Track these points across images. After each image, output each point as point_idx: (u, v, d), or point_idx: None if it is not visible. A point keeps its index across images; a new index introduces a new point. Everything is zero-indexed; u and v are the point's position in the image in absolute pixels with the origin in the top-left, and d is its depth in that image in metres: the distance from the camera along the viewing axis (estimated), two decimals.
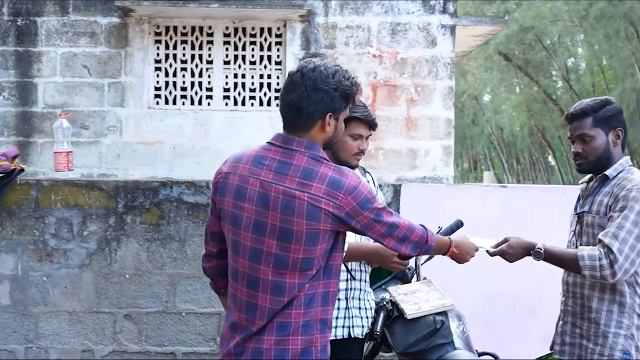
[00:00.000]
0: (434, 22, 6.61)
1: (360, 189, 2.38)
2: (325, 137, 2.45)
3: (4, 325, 4.83)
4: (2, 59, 6.62)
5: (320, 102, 2.38)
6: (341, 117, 2.49)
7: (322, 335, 2.40)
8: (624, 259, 2.78)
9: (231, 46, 6.73)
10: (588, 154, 3.01)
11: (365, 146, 3.13)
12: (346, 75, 2.45)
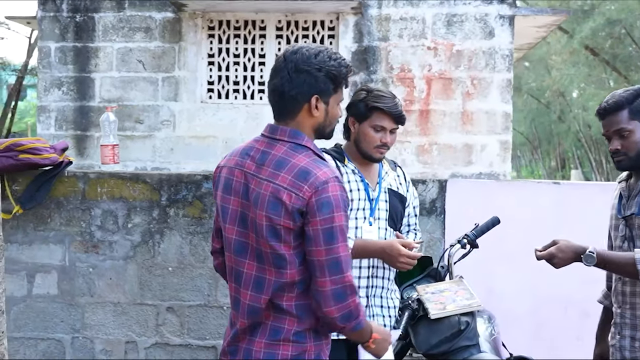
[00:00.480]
0: (492, 13, 6.41)
1: (330, 187, 2.23)
2: (314, 122, 2.34)
3: (52, 314, 4.96)
4: (62, 55, 6.81)
5: (303, 84, 2.29)
6: (333, 101, 2.38)
7: (317, 343, 2.32)
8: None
9: (283, 40, 6.73)
10: (628, 150, 2.79)
11: (389, 139, 3.03)
12: (332, 56, 2.34)
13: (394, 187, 3.15)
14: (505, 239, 4.78)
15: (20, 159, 4.81)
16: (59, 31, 6.81)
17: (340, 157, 3.10)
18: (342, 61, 2.36)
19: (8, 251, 4.98)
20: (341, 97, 2.43)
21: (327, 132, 2.42)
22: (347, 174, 3.06)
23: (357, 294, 2.26)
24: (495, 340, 3.06)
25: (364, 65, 6.55)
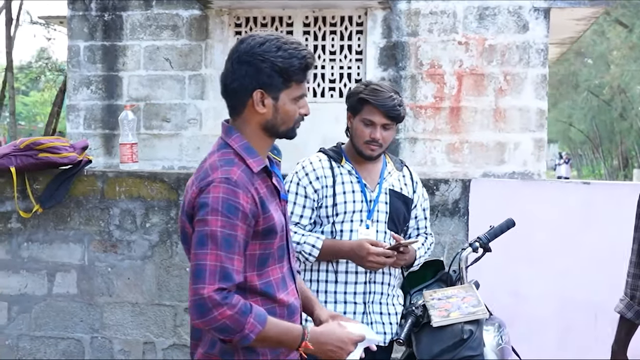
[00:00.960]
0: (526, 6, 6.24)
1: (212, 189, 2.04)
2: (261, 120, 2.14)
3: (71, 314, 5.01)
4: (90, 54, 6.88)
5: (244, 76, 2.10)
6: (284, 97, 2.13)
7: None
8: None
9: (311, 36, 6.67)
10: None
11: (378, 135, 2.89)
12: (283, 46, 2.10)
13: (396, 188, 3.02)
14: (531, 241, 4.64)
15: (40, 158, 4.87)
16: (87, 30, 6.89)
17: (338, 157, 3.00)
18: (294, 52, 2.11)
19: (29, 250, 5.07)
20: (299, 92, 2.17)
21: (281, 131, 2.19)
22: (342, 175, 2.96)
23: (233, 307, 1.99)
24: (502, 350, 2.91)
25: (392, 62, 6.44)
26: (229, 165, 2.08)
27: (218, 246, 1.99)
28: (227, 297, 1.97)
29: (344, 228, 2.91)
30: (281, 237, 2.17)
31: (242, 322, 1.98)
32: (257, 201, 2.07)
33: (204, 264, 1.99)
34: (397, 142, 6.40)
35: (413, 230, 3.16)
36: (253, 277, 2.10)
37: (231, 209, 2.01)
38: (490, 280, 4.68)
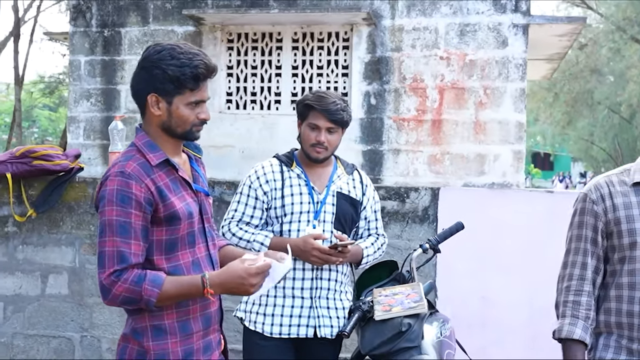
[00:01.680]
0: (505, 22, 6.41)
1: (108, 182, 2.25)
2: (158, 121, 2.33)
3: (63, 314, 5.20)
4: (91, 68, 7.14)
5: (141, 80, 2.30)
6: (178, 102, 2.29)
7: (156, 342, 2.30)
8: None
9: (299, 51, 6.88)
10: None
11: (323, 138, 3.08)
12: (178, 55, 2.25)
13: (344, 191, 3.21)
14: (499, 247, 4.78)
15: (34, 165, 5.08)
16: (88, 45, 7.15)
17: (288, 162, 3.20)
18: (187, 61, 2.25)
19: (24, 252, 5.27)
20: (194, 99, 2.32)
21: (178, 133, 2.36)
22: (291, 178, 3.16)
23: (127, 280, 2.19)
24: (440, 343, 3.07)
25: (377, 76, 6.63)
26: (125, 160, 2.29)
27: (114, 233, 2.20)
28: (120, 274, 2.19)
29: (292, 228, 3.10)
30: (190, 224, 2.34)
31: (137, 290, 2.18)
32: (154, 191, 2.26)
33: (103, 250, 2.22)
34: (380, 153, 6.59)
35: (364, 231, 3.34)
36: (161, 261, 2.30)
37: (124, 199, 2.21)
38: (461, 285, 4.84)
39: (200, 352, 2.37)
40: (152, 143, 2.33)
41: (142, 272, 2.22)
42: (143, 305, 2.22)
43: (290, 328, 3.07)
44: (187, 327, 2.33)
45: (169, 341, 2.30)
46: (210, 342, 2.42)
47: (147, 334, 2.29)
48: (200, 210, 2.41)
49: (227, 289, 2.27)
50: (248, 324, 3.15)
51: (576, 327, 2.47)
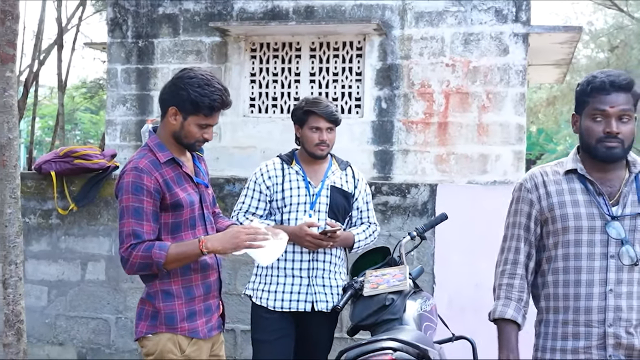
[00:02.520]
0: (506, 31, 6.71)
1: (125, 175, 2.69)
2: (171, 129, 2.77)
3: (100, 297, 5.63)
4: (126, 75, 7.61)
5: (169, 93, 2.76)
6: (191, 120, 2.72)
7: (165, 303, 2.75)
8: None
9: (316, 59, 7.24)
10: (625, 138, 2.40)
11: (326, 137, 3.49)
12: (205, 87, 2.69)
13: (337, 185, 3.60)
14: (491, 238, 5.06)
15: (75, 164, 5.53)
16: (124, 55, 7.62)
17: (289, 160, 3.61)
18: (209, 93, 2.68)
19: (66, 242, 5.71)
20: (204, 122, 2.74)
21: (184, 143, 2.79)
22: (290, 174, 3.56)
23: (140, 249, 2.62)
24: (420, 317, 3.42)
25: (387, 82, 6.99)
26: (139, 158, 2.75)
27: (130, 216, 2.66)
28: (135, 247, 2.65)
29: (290, 217, 3.50)
30: (191, 210, 2.79)
31: (149, 255, 2.64)
32: (162, 183, 2.71)
33: (122, 230, 2.68)
34: (391, 154, 6.94)
35: (357, 220, 3.71)
36: (167, 239, 2.75)
37: (138, 189, 2.67)
38: (457, 274, 5.15)
39: (201, 313, 2.82)
40: (162, 144, 2.79)
41: (152, 242, 2.67)
42: (155, 269, 2.66)
43: (291, 303, 3.46)
44: (190, 292, 2.78)
45: (176, 303, 2.76)
46: (210, 305, 2.87)
47: (158, 297, 2.76)
48: (200, 199, 2.86)
49: (223, 247, 2.70)
50: (255, 299, 3.57)
51: (509, 308, 2.57)
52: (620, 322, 2.37)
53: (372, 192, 5.06)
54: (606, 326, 2.39)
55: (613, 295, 2.39)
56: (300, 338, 3.55)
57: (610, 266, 2.40)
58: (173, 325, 2.74)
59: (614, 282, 2.39)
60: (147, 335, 2.77)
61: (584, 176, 2.48)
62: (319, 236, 3.39)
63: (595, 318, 2.41)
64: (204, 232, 2.86)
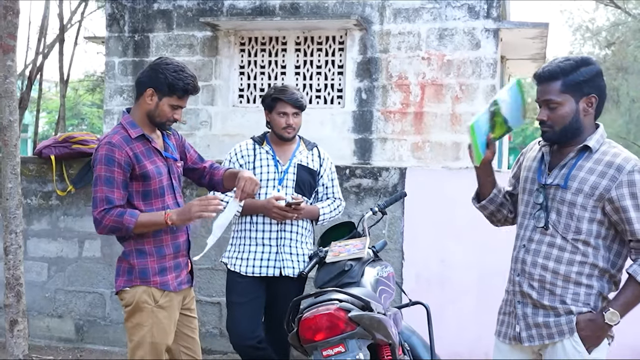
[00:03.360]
0: (478, 27, 7.00)
1: (99, 149, 2.97)
2: (146, 109, 3.04)
3: (96, 273, 5.84)
4: (123, 67, 7.92)
5: (147, 76, 3.02)
6: (165, 101, 3.00)
7: (139, 260, 3.06)
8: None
9: (301, 53, 7.51)
10: (554, 123, 2.57)
11: (292, 121, 3.79)
12: (179, 71, 2.97)
13: (304, 163, 3.88)
14: (455, 219, 5.29)
15: (73, 149, 5.71)
16: (121, 48, 7.92)
17: (260, 141, 3.92)
18: (183, 77, 2.98)
19: (65, 222, 5.88)
20: (176, 103, 3.03)
21: (156, 122, 3.06)
22: (261, 154, 3.85)
23: (113, 214, 2.93)
24: (377, 281, 3.68)
25: (367, 74, 7.29)
26: (113, 134, 3.03)
27: (103, 184, 2.95)
28: (108, 211, 2.95)
29: (260, 192, 3.78)
30: (159, 180, 3.08)
31: (120, 220, 2.94)
32: (132, 156, 3.00)
33: (95, 196, 2.99)
34: (370, 141, 7.25)
35: (323, 195, 3.97)
36: (140, 205, 3.05)
37: (110, 160, 2.96)
38: (424, 251, 5.39)
39: (171, 269, 3.13)
40: (134, 122, 3.07)
41: (124, 209, 2.97)
42: (124, 232, 2.98)
43: (261, 269, 3.76)
44: (161, 251, 3.09)
45: (148, 260, 3.08)
46: (179, 263, 3.18)
47: (133, 255, 3.07)
48: (169, 171, 3.17)
49: (180, 215, 3.02)
50: (230, 266, 3.88)
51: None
52: (525, 275, 2.63)
53: (347, 175, 5.35)
54: (515, 275, 2.69)
55: (524, 250, 2.65)
56: (269, 301, 3.83)
57: (529, 225, 2.66)
58: (146, 279, 3.06)
59: (527, 239, 2.65)
60: (125, 288, 3.08)
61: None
62: (285, 208, 3.69)
63: (513, 266, 2.72)
64: (172, 200, 3.17)
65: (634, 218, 2.48)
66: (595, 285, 2.57)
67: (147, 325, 3.05)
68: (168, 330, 3.10)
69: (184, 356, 3.24)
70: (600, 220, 2.54)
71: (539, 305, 2.59)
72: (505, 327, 2.73)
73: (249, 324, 3.71)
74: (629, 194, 2.48)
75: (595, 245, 2.55)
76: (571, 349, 2.52)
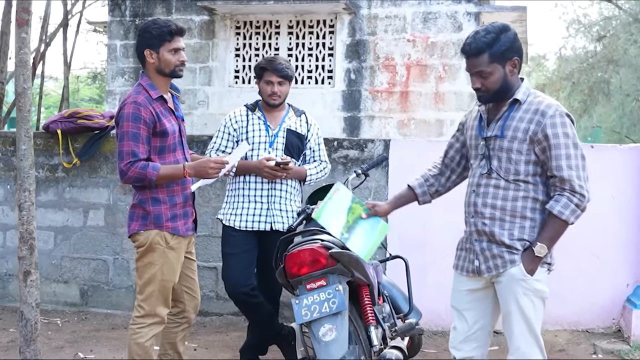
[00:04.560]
0: (460, 10, 7.24)
1: (125, 107, 3.18)
2: (153, 66, 3.30)
3: (99, 241, 6.07)
4: (125, 50, 8.15)
5: (139, 43, 3.30)
6: (163, 50, 3.24)
7: (154, 207, 3.31)
8: (582, 181, 2.81)
9: (294, 36, 7.70)
10: (488, 88, 2.86)
11: (277, 89, 4.04)
12: (159, 23, 3.25)
13: (292, 128, 4.11)
14: None
15: (79, 124, 5.94)
16: (123, 32, 8.14)
17: (253, 108, 4.18)
18: (162, 24, 3.25)
19: (70, 193, 6.09)
20: (173, 46, 3.26)
21: (167, 72, 3.30)
22: (253, 119, 4.08)
23: (138, 167, 3.17)
24: None
25: (356, 55, 7.54)
26: (136, 94, 3.26)
27: (129, 139, 3.18)
28: (133, 163, 3.18)
29: (253, 154, 4.00)
30: (173, 137, 3.33)
31: (143, 172, 3.19)
32: (154, 114, 3.24)
33: (122, 150, 3.21)
34: (358, 119, 7.51)
35: (310, 158, 4.19)
36: (155, 159, 3.29)
37: (136, 118, 3.20)
38: (406, 216, 5.64)
39: (180, 217, 3.39)
40: (152, 84, 3.32)
41: (147, 162, 3.21)
42: (147, 183, 3.22)
43: (253, 223, 3.99)
44: (173, 200, 3.35)
45: (162, 207, 3.33)
46: (187, 212, 3.44)
47: (149, 202, 3.32)
48: (179, 129, 3.45)
49: (197, 170, 3.31)
50: (225, 222, 4.13)
51: (416, 181, 3.37)
52: (477, 215, 2.95)
53: (335, 147, 5.60)
54: (470, 217, 3.00)
55: (474, 194, 2.97)
56: (261, 254, 4.05)
57: (476, 173, 2.98)
58: (160, 224, 3.32)
59: (476, 185, 2.97)
60: (139, 231, 3.33)
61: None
62: (275, 167, 3.95)
63: (467, 210, 3.05)
64: (182, 155, 3.42)
65: (554, 155, 2.78)
66: (537, 219, 2.87)
67: (158, 264, 3.32)
68: (176, 269, 3.37)
69: (185, 295, 3.55)
70: (535, 161, 2.85)
71: (492, 240, 2.89)
72: (463, 262, 3.05)
73: (243, 272, 3.94)
74: (552, 134, 2.78)
75: (533, 182, 2.86)
76: (519, 274, 2.84)
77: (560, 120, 2.79)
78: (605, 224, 5.37)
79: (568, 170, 2.77)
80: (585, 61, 20.87)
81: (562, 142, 2.78)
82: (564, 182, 2.78)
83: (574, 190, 2.78)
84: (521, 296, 2.83)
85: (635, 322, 4.99)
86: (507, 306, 2.88)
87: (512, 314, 2.87)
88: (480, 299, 2.99)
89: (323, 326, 3.21)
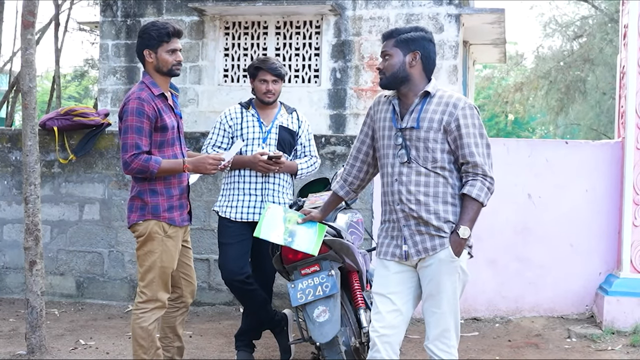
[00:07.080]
0: (442, 12, 7.43)
1: (130, 102, 3.32)
2: (152, 66, 3.44)
3: (94, 234, 6.14)
4: (116, 49, 8.24)
5: (139, 44, 3.44)
6: (161, 51, 3.39)
7: (152, 198, 3.43)
8: (489, 167, 2.99)
9: (281, 36, 7.82)
10: (386, 70, 3.03)
11: (271, 87, 4.19)
12: (157, 24, 3.40)
13: (284, 124, 4.23)
14: None
15: (74, 121, 6.01)
16: (114, 32, 8.22)
17: (247, 106, 4.31)
18: (161, 26, 3.40)
19: (66, 188, 6.15)
20: (170, 48, 3.41)
21: (164, 71, 3.44)
22: (247, 116, 4.20)
23: (141, 159, 3.31)
24: (348, 225, 4.08)
25: (341, 55, 7.71)
26: (140, 90, 3.39)
27: (133, 132, 3.31)
28: (137, 156, 3.31)
29: (247, 149, 4.12)
30: (172, 132, 3.48)
31: (146, 165, 3.32)
32: (156, 109, 3.38)
33: (125, 142, 3.34)
34: (344, 117, 7.68)
35: (301, 153, 4.32)
36: (155, 152, 3.42)
37: (140, 112, 3.35)
38: None
39: (177, 208, 3.51)
40: (154, 82, 3.46)
41: (149, 156, 3.34)
42: (148, 175, 3.35)
43: (248, 215, 4.11)
44: (170, 192, 3.47)
45: (159, 198, 3.46)
46: (183, 203, 3.56)
47: (147, 194, 3.44)
48: (177, 126, 3.57)
49: (196, 166, 3.47)
50: (221, 213, 4.25)
51: (337, 184, 3.40)
52: (404, 202, 3.01)
53: (323, 143, 5.76)
54: (395, 205, 3.06)
55: (397, 182, 3.03)
56: (255, 245, 4.16)
57: (396, 163, 3.03)
58: (157, 214, 3.45)
59: (398, 174, 3.03)
60: (139, 222, 3.47)
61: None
62: (268, 161, 4.12)
63: (391, 199, 3.08)
64: (179, 149, 3.56)
65: (466, 144, 2.94)
66: (457, 204, 3.01)
67: (157, 252, 3.46)
68: (174, 257, 3.51)
69: (183, 281, 3.72)
70: (449, 150, 3.00)
71: (421, 223, 2.98)
72: (388, 247, 3.09)
73: (238, 261, 4.07)
74: (463, 125, 2.94)
75: (450, 169, 3.00)
76: (448, 256, 2.95)
77: (470, 112, 2.96)
78: (579, 216, 5.58)
79: (479, 157, 2.94)
80: (562, 60, 21.00)
81: (472, 131, 2.94)
82: (476, 167, 2.94)
83: (486, 174, 2.95)
84: (451, 277, 2.96)
85: (607, 308, 5.21)
86: (438, 286, 2.97)
87: (443, 293, 2.97)
88: (406, 282, 3.05)
89: (317, 308, 3.39)
